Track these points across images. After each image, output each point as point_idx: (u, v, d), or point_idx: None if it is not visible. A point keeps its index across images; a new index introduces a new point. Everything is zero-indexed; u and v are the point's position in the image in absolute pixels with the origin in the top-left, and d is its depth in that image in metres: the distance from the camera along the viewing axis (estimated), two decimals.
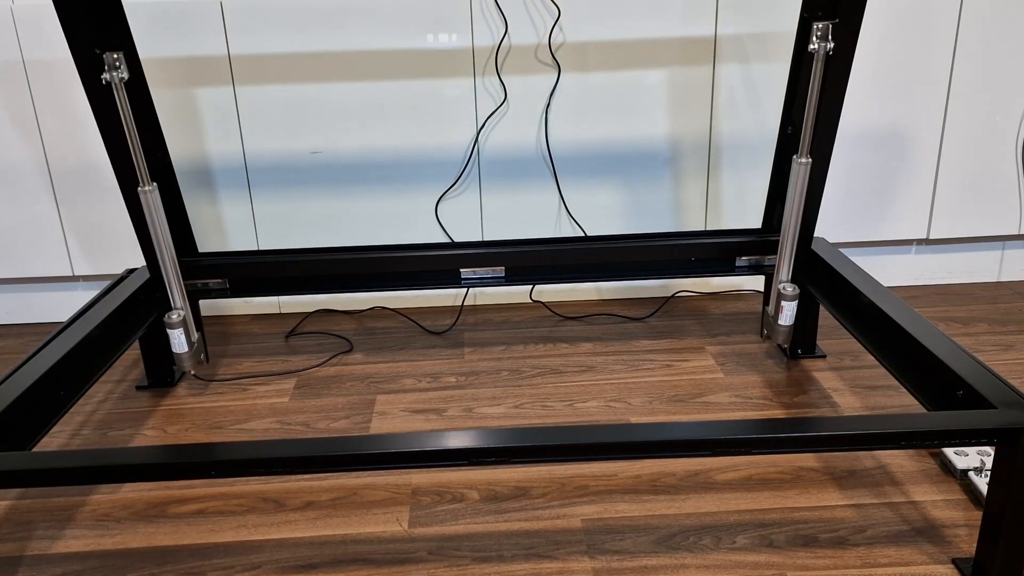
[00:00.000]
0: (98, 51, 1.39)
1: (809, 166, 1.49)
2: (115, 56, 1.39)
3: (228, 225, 2.00)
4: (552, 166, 1.97)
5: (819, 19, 1.42)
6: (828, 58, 1.41)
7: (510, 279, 1.75)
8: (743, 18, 1.86)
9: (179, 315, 1.56)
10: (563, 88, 1.90)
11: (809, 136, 1.43)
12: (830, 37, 1.39)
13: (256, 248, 2.01)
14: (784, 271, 1.60)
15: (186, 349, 1.60)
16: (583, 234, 2.03)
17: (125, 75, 1.41)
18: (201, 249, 1.97)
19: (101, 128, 1.46)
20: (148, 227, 1.51)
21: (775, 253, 1.72)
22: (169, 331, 1.58)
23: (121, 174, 1.50)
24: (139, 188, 1.47)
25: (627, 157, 1.97)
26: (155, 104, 1.87)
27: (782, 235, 1.57)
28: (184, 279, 1.66)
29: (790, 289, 1.59)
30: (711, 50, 1.89)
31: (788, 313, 1.61)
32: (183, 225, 1.72)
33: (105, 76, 1.39)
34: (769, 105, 1.93)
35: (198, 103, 1.88)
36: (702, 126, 1.95)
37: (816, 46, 1.39)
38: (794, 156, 1.50)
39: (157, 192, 1.49)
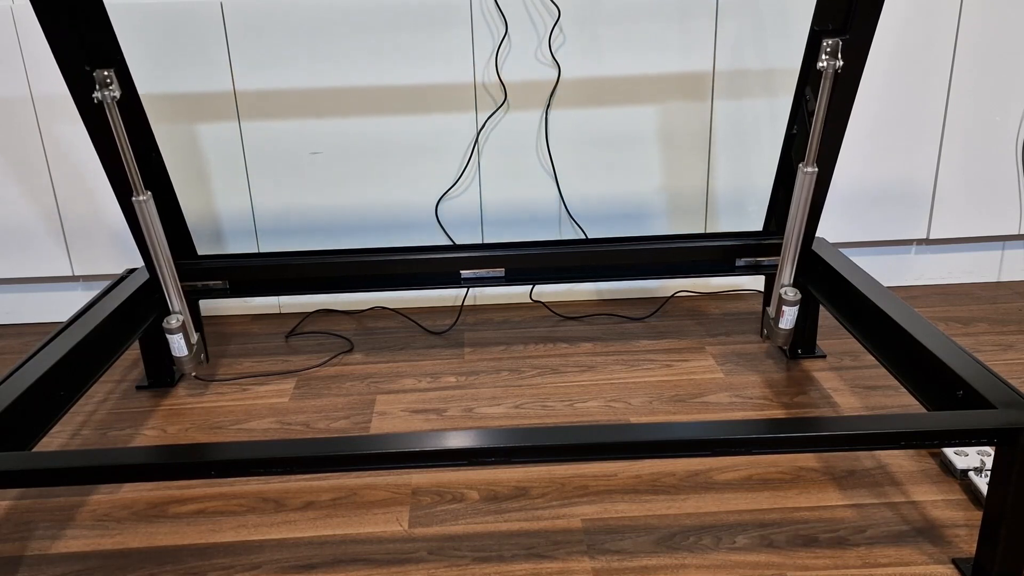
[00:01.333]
0: (88, 68, 1.36)
1: (815, 175, 1.47)
2: (105, 73, 1.36)
3: (228, 225, 1.99)
4: (552, 166, 1.97)
5: (829, 33, 1.39)
6: (836, 75, 1.40)
7: (510, 279, 1.75)
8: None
9: (178, 320, 1.56)
10: (563, 88, 1.90)
11: (816, 146, 1.42)
12: (839, 55, 1.37)
13: (256, 251, 2.01)
14: (786, 275, 1.59)
15: (186, 353, 1.59)
16: (583, 235, 2.03)
17: (117, 94, 1.37)
18: (201, 251, 1.97)
19: (94, 141, 1.44)
20: (144, 235, 1.51)
21: (775, 254, 1.71)
22: (168, 336, 1.57)
23: (116, 183, 1.49)
24: (133, 198, 1.45)
25: (627, 157, 1.97)
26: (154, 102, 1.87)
27: (785, 240, 1.57)
28: (183, 281, 1.66)
29: (791, 294, 1.59)
30: (711, 48, 1.89)
31: (789, 317, 1.61)
32: (181, 229, 1.71)
33: (96, 95, 1.36)
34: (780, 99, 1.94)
35: (198, 100, 1.88)
36: (702, 124, 1.95)
37: (825, 64, 1.37)
38: (800, 164, 1.49)
39: (152, 201, 1.47)
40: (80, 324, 1.49)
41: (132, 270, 1.76)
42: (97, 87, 1.36)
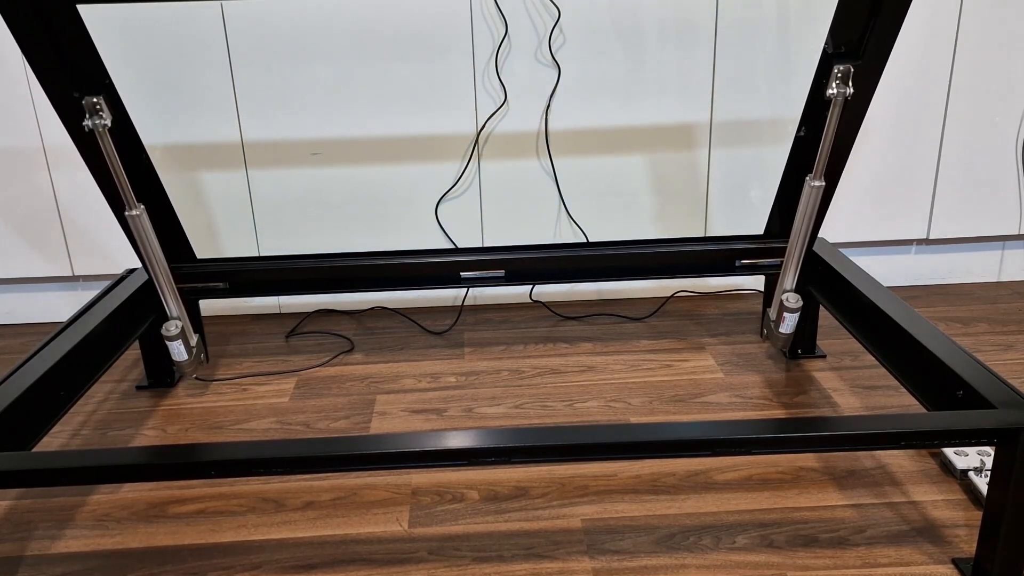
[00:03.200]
0: (76, 95, 1.33)
1: (822, 189, 1.46)
2: (95, 100, 1.33)
3: (228, 225, 1.99)
4: (552, 167, 1.97)
5: (842, 57, 1.37)
6: (846, 102, 1.37)
7: (510, 279, 1.75)
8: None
9: (176, 326, 1.55)
10: (563, 88, 1.90)
11: (824, 162, 1.41)
12: (850, 83, 1.34)
13: (256, 254, 2.00)
14: (789, 281, 1.58)
15: (186, 357, 1.59)
16: (584, 236, 2.03)
17: (108, 122, 1.34)
18: (202, 251, 1.97)
19: (86, 161, 1.42)
20: (139, 249, 1.50)
21: (776, 256, 1.71)
22: (168, 343, 1.57)
23: (110, 198, 1.48)
24: (126, 212, 1.44)
25: (628, 156, 1.97)
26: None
27: (788, 249, 1.56)
28: (183, 283, 1.66)
29: (793, 300, 1.58)
30: (711, 38, 1.89)
31: (789, 323, 1.60)
32: (178, 234, 1.70)
33: (87, 123, 1.33)
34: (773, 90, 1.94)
35: (198, 103, 1.88)
36: (701, 121, 1.95)
37: (834, 91, 1.34)
38: (808, 176, 1.47)
39: (144, 215, 1.45)
40: (80, 324, 1.49)
41: (132, 270, 1.76)
42: (87, 115, 1.33)
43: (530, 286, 2.12)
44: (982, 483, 1.32)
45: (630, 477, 1.41)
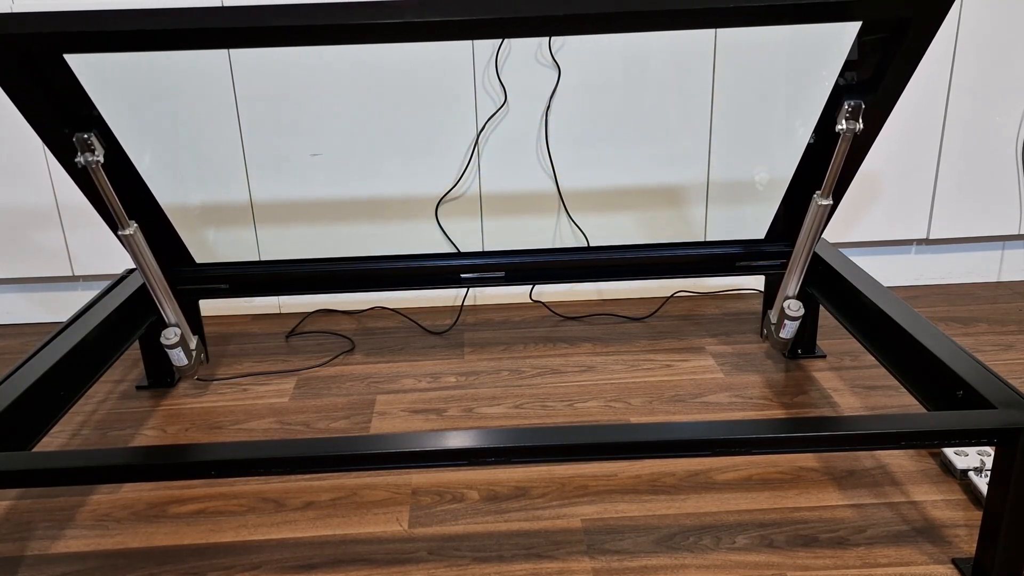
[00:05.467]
0: (67, 131, 1.30)
1: (829, 208, 1.46)
2: (86, 136, 1.30)
3: (228, 224, 1.99)
4: (552, 168, 1.97)
5: (853, 91, 1.35)
6: (854, 137, 1.35)
7: (510, 279, 1.75)
8: None
9: (175, 333, 1.54)
10: (563, 89, 1.90)
11: (832, 184, 1.40)
12: (860, 119, 1.32)
13: (255, 259, 1.99)
14: (791, 288, 1.57)
15: (186, 362, 1.59)
16: (584, 238, 2.03)
17: (100, 158, 1.31)
18: (202, 252, 1.98)
19: (79, 185, 1.40)
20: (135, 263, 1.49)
21: (777, 259, 1.71)
22: (168, 351, 1.56)
23: (106, 217, 1.47)
24: (119, 232, 1.42)
25: (628, 156, 1.97)
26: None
27: (792, 258, 1.54)
28: (183, 285, 1.66)
29: (795, 308, 1.57)
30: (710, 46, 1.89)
31: (790, 329, 1.60)
32: (174, 240, 1.69)
33: (79, 160, 1.30)
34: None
35: (199, 109, 1.88)
36: (702, 123, 1.95)
37: (843, 127, 1.32)
38: (816, 193, 1.45)
39: (138, 233, 1.43)
40: (80, 324, 1.49)
41: (132, 270, 1.76)
42: (79, 152, 1.30)
43: (530, 286, 2.12)
44: (982, 483, 1.32)
45: (630, 477, 1.41)
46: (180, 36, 1.08)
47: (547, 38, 1.86)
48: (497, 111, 1.91)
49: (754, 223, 2.03)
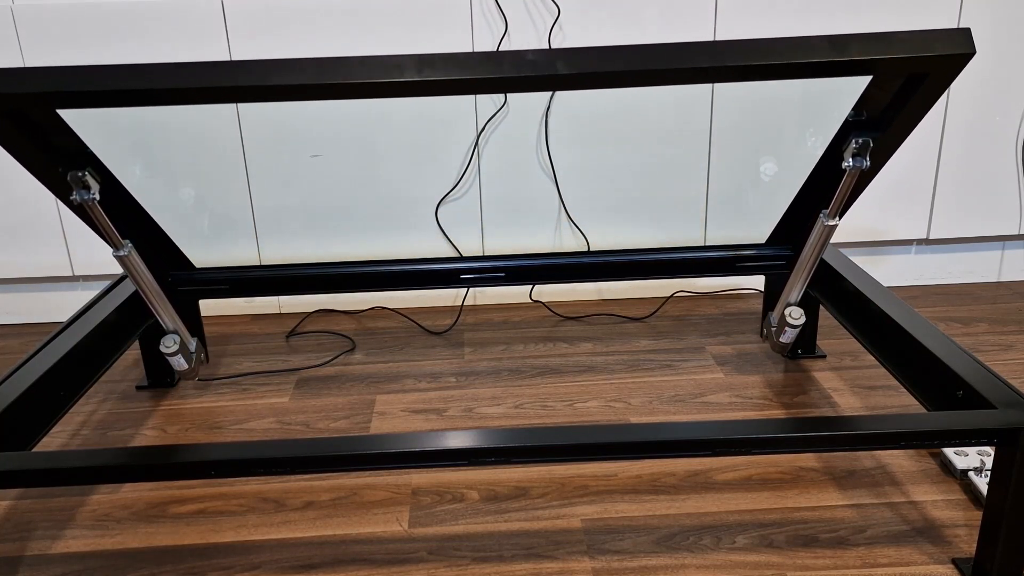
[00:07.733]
0: (61, 170, 1.28)
1: (835, 228, 1.45)
2: (80, 175, 1.28)
3: (228, 224, 1.99)
4: (552, 168, 1.97)
5: (863, 125, 1.33)
6: (860, 173, 1.33)
7: (510, 279, 1.75)
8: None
9: (174, 341, 1.54)
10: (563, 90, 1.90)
11: (840, 207, 1.39)
12: (867, 156, 1.30)
13: (255, 263, 1.99)
14: (794, 295, 1.57)
15: (187, 366, 1.58)
16: (584, 240, 2.02)
17: (96, 195, 1.29)
18: (201, 251, 1.97)
19: (75, 212, 1.39)
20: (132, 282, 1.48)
21: (778, 261, 1.71)
22: (168, 358, 1.56)
23: (101, 236, 1.46)
24: (113, 253, 1.41)
25: (628, 156, 1.97)
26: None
27: (796, 268, 1.54)
28: (183, 287, 1.65)
29: (796, 315, 1.56)
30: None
31: (790, 335, 1.59)
32: (170, 247, 1.68)
33: (75, 198, 1.29)
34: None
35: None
36: (702, 124, 1.95)
37: (850, 164, 1.30)
38: (823, 212, 1.44)
39: (133, 253, 1.41)
40: (80, 324, 1.49)
41: None
42: (74, 190, 1.29)
43: (530, 286, 2.12)
44: (982, 483, 1.32)
45: (630, 477, 1.41)
46: (181, 94, 1.06)
47: (547, 35, 1.86)
48: (497, 112, 1.91)
49: (754, 223, 2.03)
